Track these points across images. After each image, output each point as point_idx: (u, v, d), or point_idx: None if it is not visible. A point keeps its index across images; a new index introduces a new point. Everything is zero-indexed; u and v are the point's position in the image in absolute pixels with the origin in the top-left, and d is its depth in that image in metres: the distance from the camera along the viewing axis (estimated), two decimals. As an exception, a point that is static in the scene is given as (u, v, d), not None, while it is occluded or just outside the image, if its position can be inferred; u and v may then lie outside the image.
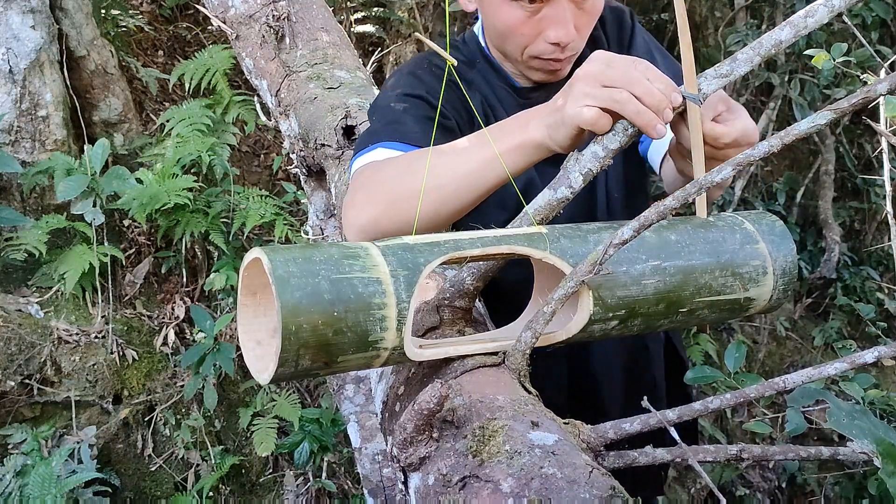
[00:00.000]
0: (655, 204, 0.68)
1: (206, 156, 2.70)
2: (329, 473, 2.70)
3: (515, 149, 0.84)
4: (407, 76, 1.12)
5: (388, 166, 0.96)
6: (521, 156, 0.84)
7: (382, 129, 1.03)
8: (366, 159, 1.01)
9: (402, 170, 0.94)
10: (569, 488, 0.53)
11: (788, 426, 1.40)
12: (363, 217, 0.93)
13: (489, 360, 0.73)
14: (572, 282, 0.69)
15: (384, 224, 0.91)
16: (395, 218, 0.90)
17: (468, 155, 0.88)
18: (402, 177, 0.92)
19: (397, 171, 0.94)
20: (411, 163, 0.93)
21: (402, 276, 0.67)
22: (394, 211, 0.90)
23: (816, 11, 0.77)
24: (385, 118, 1.06)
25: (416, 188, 0.88)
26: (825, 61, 1.19)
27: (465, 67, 1.16)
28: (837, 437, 3.15)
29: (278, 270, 0.62)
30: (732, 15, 3.88)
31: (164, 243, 2.87)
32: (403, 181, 0.91)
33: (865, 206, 4.13)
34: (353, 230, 0.95)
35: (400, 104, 1.06)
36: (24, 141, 2.56)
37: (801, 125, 0.68)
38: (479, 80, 1.16)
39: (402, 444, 0.62)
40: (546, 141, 0.82)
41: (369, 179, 0.96)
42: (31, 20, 2.52)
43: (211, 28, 3.62)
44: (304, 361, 0.63)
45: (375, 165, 0.98)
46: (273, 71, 1.80)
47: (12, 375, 2.29)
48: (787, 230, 0.85)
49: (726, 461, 0.68)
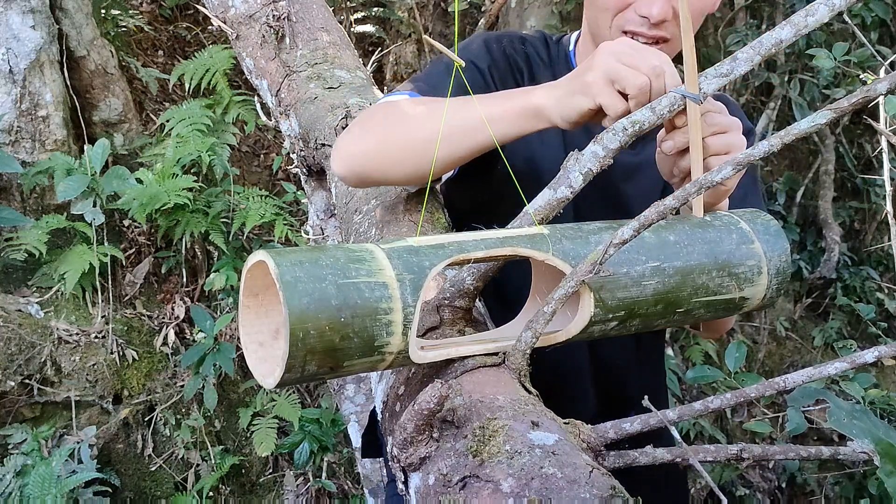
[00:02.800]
0: (655, 204, 0.68)
1: (206, 156, 2.70)
2: (329, 473, 2.70)
3: (512, 112, 0.84)
4: (481, 45, 1.11)
5: (394, 107, 0.98)
6: (516, 120, 0.84)
7: (420, 81, 1.05)
8: (388, 100, 1.03)
9: (403, 112, 0.95)
10: (569, 488, 0.53)
11: (788, 426, 1.41)
12: (353, 146, 0.97)
13: (489, 360, 0.73)
14: (572, 282, 0.69)
15: (372, 156, 0.95)
16: (383, 152, 0.93)
17: (466, 111, 0.88)
18: (401, 117, 0.95)
19: (398, 112, 0.96)
20: (413, 106, 0.95)
21: (408, 280, 0.66)
22: (385, 146, 0.93)
23: (817, 10, 0.77)
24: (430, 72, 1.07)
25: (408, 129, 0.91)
26: (826, 61, 1.20)
27: (541, 66, 1.13)
28: (837, 437, 3.15)
29: (286, 276, 0.62)
30: (732, 15, 3.88)
31: (164, 243, 2.87)
32: (401, 121, 0.94)
33: (865, 206, 4.13)
34: (340, 156, 0.98)
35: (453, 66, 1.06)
36: (24, 141, 2.56)
37: (801, 125, 0.68)
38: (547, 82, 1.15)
39: (403, 443, 0.62)
40: (548, 110, 0.82)
41: (373, 115, 0.99)
42: (31, 20, 2.52)
43: (211, 28, 3.62)
44: (311, 367, 0.63)
45: (386, 104, 1.00)
46: (273, 71, 1.80)
47: (12, 375, 2.29)
48: (781, 229, 0.85)
49: (726, 461, 0.68)
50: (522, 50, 1.12)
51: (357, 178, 1.01)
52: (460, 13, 4.20)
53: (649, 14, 0.94)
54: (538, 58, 1.13)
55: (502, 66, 1.08)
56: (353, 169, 0.97)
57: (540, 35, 1.17)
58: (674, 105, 0.78)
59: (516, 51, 1.12)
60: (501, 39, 1.12)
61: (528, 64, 1.12)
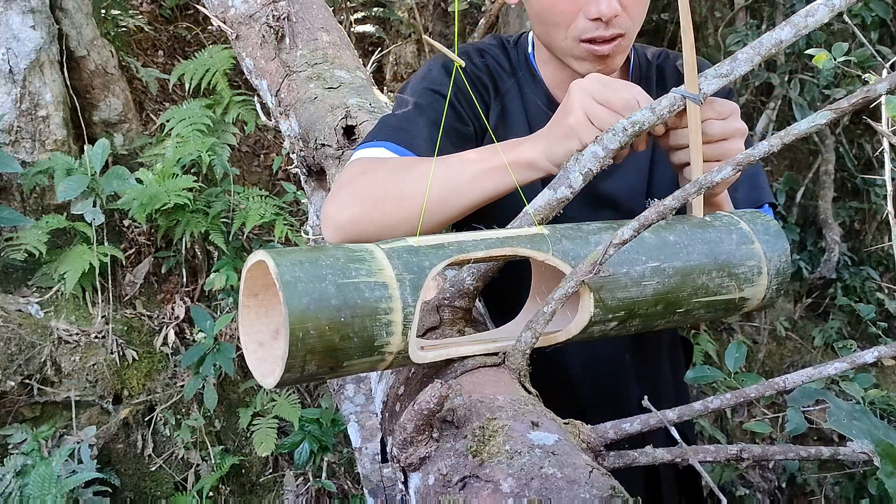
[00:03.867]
0: (655, 204, 0.68)
1: (206, 156, 2.70)
2: (329, 473, 2.70)
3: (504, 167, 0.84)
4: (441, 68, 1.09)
5: (381, 168, 0.95)
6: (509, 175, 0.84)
7: (393, 128, 1.02)
8: (365, 154, 1.00)
9: (393, 173, 0.93)
10: (569, 488, 0.53)
11: (788, 426, 1.40)
12: (344, 215, 0.92)
13: (489, 360, 0.73)
14: (572, 282, 0.69)
15: (364, 224, 0.91)
16: (376, 220, 0.90)
17: (458, 168, 0.88)
18: (391, 180, 0.92)
19: (388, 173, 0.94)
20: (405, 167, 0.93)
21: (408, 280, 0.66)
22: (377, 213, 0.90)
23: (817, 11, 0.77)
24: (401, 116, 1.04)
25: (403, 193, 0.88)
26: (826, 61, 1.19)
27: (503, 75, 1.13)
28: (837, 437, 3.15)
29: (286, 275, 0.62)
30: (732, 15, 3.88)
31: (164, 243, 2.87)
32: (392, 185, 0.91)
33: (865, 206, 4.13)
34: (330, 226, 0.94)
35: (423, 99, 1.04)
36: (24, 141, 2.56)
37: (801, 125, 0.68)
38: (512, 91, 1.12)
39: (403, 443, 0.62)
40: (540, 161, 0.83)
41: (359, 177, 0.95)
42: (31, 20, 2.53)
43: (211, 28, 3.63)
44: (311, 367, 0.63)
45: (369, 163, 0.97)
46: (273, 71, 1.80)
47: (12, 375, 2.29)
48: (780, 230, 0.85)
49: (726, 461, 0.68)
50: (483, 63, 1.11)
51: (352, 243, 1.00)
52: (460, 13, 4.20)
53: (599, 13, 0.94)
54: (499, 68, 1.12)
55: (465, 90, 1.06)
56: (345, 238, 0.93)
57: (497, 41, 1.16)
58: (674, 105, 0.78)
59: (477, 66, 1.11)
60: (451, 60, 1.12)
61: (491, 77, 1.11)
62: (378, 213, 0.90)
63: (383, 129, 1.03)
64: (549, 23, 0.99)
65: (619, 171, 1.07)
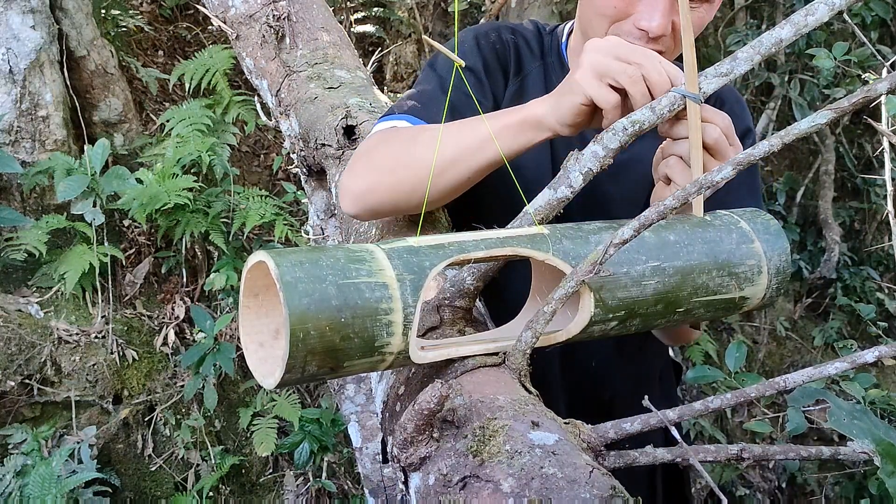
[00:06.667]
0: (655, 204, 0.68)
1: (206, 156, 2.70)
2: (329, 473, 2.70)
3: (513, 126, 0.84)
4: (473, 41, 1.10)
5: (395, 137, 0.97)
6: (518, 133, 0.84)
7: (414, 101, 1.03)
8: (384, 126, 1.01)
9: (406, 141, 0.94)
10: (569, 488, 0.53)
11: (789, 426, 1.41)
12: (360, 184, 0.94)
13: (490, 360, 0.73)
14: (572, 281, 0.69)
15: (380, 193, 0.92)
16: (392, 187, 0.91)
17: (467, 132, 0.88)
18: (404, 147, 0.93)
19: (402, 141, 0.95)
20: (416, 135, 0.94)
21: (409, 281, 0.66)
22: (392, 180, 0.91)
23: (817, 10, 0.77)
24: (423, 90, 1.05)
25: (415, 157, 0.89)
26: (826, 60, 1.19)
27: (530, 56, 1.12)
28: (837, 437, 3.15)
29: (286, 276, 0.62)
30: (732, 15, 3.88)
31: (164, 243, 2.87)
32: (405, 151, 0.92)
33: (865, 206, 4.13)
34: (348, 196, 0.96)
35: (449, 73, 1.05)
36: (24, 141, 2.56)
37: (801, 125, 0.68)
38: (536, 74, 1.12)
39: (403, 443, 0.62)
40: (545, 118, 0.82)
41: (374, 148, 0.97)
42: (31, 20, 2.52)
43: (211, 28, 3.63)
44: (311, 367, 0.63)
45: (384, 134, 0.99)
46: (273, 71, 1.80)
47: (12, 375, 2.29)
48: (781, 229, 0.85)
49: (726, 461, 0.68)
50: (512, 41, 1.12)
51: (369, 214, 1.00)
52: (460, 13, 4.20)
53: (649, 28, 0.92)
54: (527, 48, 1.12)
55: (492, 63, 1.08)
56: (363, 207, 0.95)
57: (533, 25, 1.16)
58: (674, 105, 0.78)
59: (504, 43, 1.11)
60: (490, 34, 1.11)
61: (517, 54, 1.11)
62: (393, 180, 0.91)
63: (404, 102, 1.04)
64: (598, 12, 0.97)
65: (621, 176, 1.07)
